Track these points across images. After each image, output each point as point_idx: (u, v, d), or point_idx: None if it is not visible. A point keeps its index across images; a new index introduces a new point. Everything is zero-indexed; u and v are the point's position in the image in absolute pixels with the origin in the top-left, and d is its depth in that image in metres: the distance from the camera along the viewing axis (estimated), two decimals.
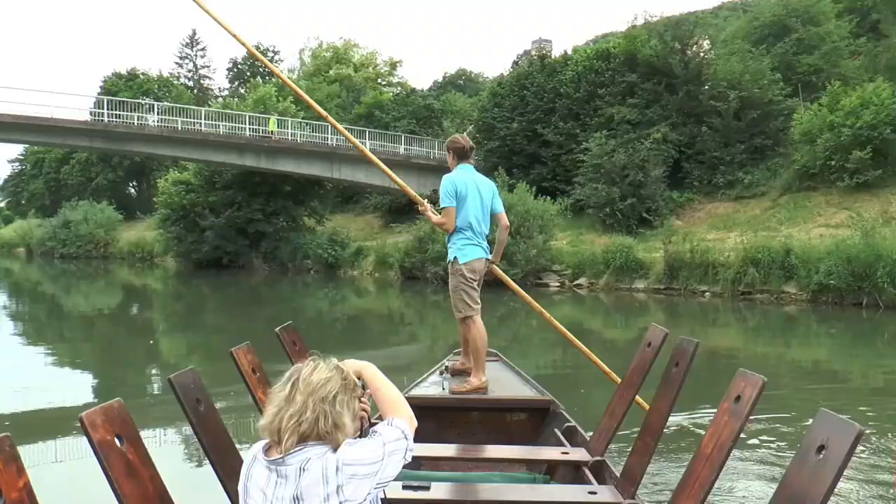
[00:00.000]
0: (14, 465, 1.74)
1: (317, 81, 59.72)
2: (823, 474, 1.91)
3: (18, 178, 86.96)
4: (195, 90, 75.68)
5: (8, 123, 33.19)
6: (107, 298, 28.15)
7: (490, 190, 5.64)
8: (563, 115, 35.42)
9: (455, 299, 5.55)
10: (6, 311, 22.54)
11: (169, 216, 44.02)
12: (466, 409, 5.23)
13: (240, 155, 37.43)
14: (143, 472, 2.25)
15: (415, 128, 46.14)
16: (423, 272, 30.41)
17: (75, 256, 56.47)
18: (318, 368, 2.05)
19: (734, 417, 2.50)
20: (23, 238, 72.23)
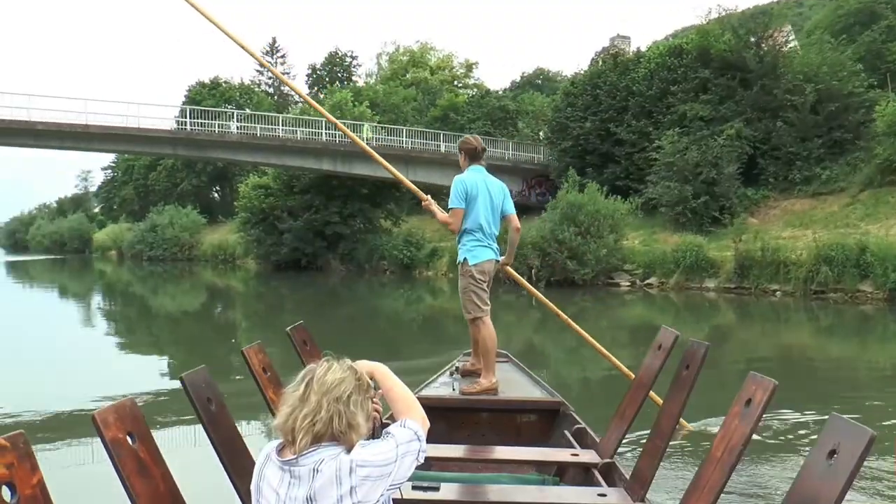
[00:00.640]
0: (28, 461, 1.77)
1: (393, 85, 60.74)
2: (834, 479, 1.91)
3: (111, 184, 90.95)
4: (275, 97, 77.58)
5: (100, 134, 35.41)
6: (192, 299, 29.40)
7: (501, 191, 5.70)
8: (636, 113, 35.46)
9: (464, 300, 5.61)
10: (101, 311, 23.93)
11: (249, 219, 45.60)
12: (476, 409, 5.26)
13: (317, 159, 38.54)
14: (155, 471, 2.29)
15: (490, 129, 46.49)
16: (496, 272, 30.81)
17: (162, 259, 58.84)
18: (333, 369, 2.09)
19: (745, 421, 2.49)
20: (114, 241, 75.57)
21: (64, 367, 12.09)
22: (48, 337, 16.60)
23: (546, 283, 28.33)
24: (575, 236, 27.71)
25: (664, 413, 3.39)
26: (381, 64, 75.97)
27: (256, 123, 41.58)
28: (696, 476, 2.71)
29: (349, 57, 78.15)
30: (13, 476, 1.71)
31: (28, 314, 22.48)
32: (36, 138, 34.74)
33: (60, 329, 18.12)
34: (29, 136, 34.43)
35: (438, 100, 53.27)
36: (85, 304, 27.14)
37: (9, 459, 1.71)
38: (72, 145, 36.29)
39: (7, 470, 1.70)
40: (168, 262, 56.70)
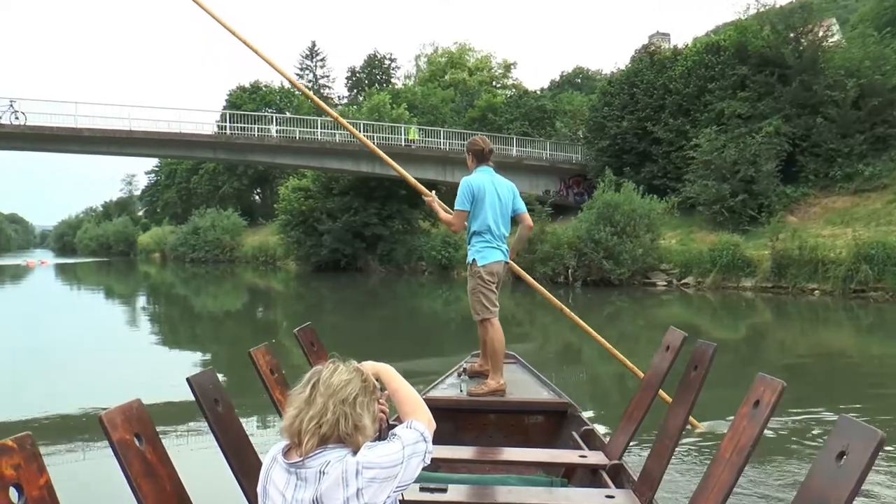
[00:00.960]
0: (35, 462, 1.77)
1: (432, 87, 61.12)
2: (844, 481, 1.90)
3: (154, 188, 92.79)
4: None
5: (143, 139, 36.39)
6: (233, 300, 29.87)
7: (510, 191, 5.69)
8: (673, 111, 35.35)
9: (473, 301, 5.61)
10: (145, 312, 24.49)
11: (289, 221, 46.30)
12: (484, 411, 5.27)
13: (355, 162, 39.02)
14: (162, 472, 2.31)
15: (527, 129, 46.69)
16: (532, 272, 30.85)
17: (204, 260, 60.02)
18: (338, 370, 2.10)
19: (753, 422, 2.49)
20: (158, 244, 77.14)
21: (106, 367, 12.45)
22: (94, 337, 17.10)
23: (582, 282, 28.61)
24: (611, 236, 27.79)
25: (672, 414, 3.37)
26: (419, 66, 76.47)
27: (295, 127, 42.23)
28: (705, 477, 2.69)
29: (388, 59, 78.99)
30: (20, 477, 1.72)
31: (77, 315, 23.04)
32: (82, 144, 35.81)
33: (106, 330, 18.60)
34: (76, 142, 35.55)
35: (476, 101, 53.44)
36: (130, 305, 27.75)
37: (16, 461, 1.72)
38: (116, 151, 37.31)
39: (14, 471, 1.71)
40: (210, 264, 57.70)
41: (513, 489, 3.59)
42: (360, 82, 77.62)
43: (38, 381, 11.05)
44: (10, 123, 33.83)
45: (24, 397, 9.75)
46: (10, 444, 1.73)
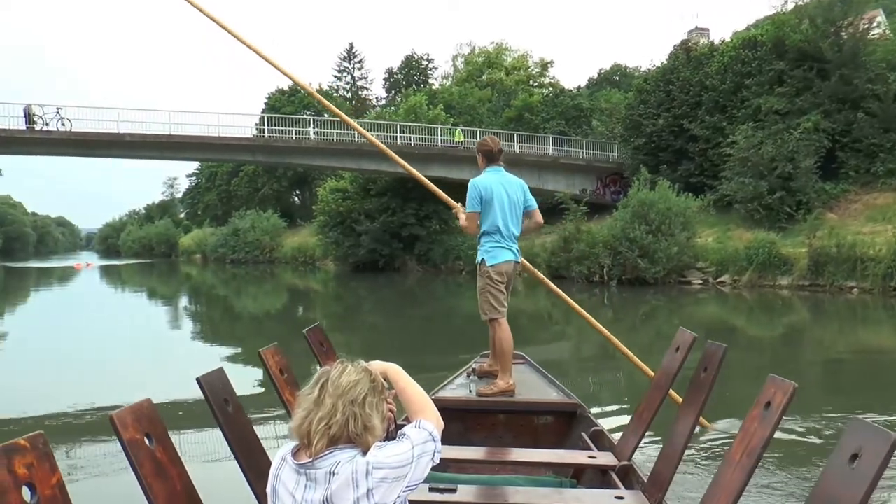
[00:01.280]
0: (48, 462, 1.79)
1: (469, 87, 61.33)
2: (857, 483, 1.89)
3: (195, 190, 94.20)
4: (353, 101, 79.01)
5: (183, 143, 37.23)
6: (273, 300, 30.27)
7: (520, 189, 5.74)
8: (710, 108, 35.16)
9: (482, 301, 5.62)
10: (187, 313, 24.98)
11: (327, 222, 46.90)
12: (493, 411, 5.27)
13: (392, 163, 39.27)
14: (172, 472, 2.32)
15: (564, 128, 46.66)
16: (568, 271, 31.08)
17: (244, 261, 60.82)
18: (347, 371, 2.11)
19: (764, 424, 2.48)
20: (199, 245, 78.41)
21: (148, 366, 12.78)
22: (136, 336, 17.50)
23: (618, 281, 28.68)
24: (646, 234, 27.83)
25: (682, 415, 3.36)
26: (456, 66, 76.69)
27: (333, 129, 42.73)
28: (715, 479, 2.69)
29: (425, 60, 79.24)
30: (33, 476, 1.73)
31: (121, 315, 23.64)
32: (125, 149, 36.72)
33: (148, 330, 19.03)
34: (118, 147, 36.46)
35: (513, 100, 53.55)
36: (172, 305, 28.28)
37: (29, 460, 1.74)
38: (157, 155, 38.16)
39: (27, 470, 1.73)
40: (250, 265, 58.45)
41: (522, 490, 3.60)
42: (398, 83, 77.96)
43: (76, 379, 11.35)
44: (57, 130, 34.83)
45: (60, 395, 9.94)
46: (23, 443, 1.75)
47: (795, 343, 15.83)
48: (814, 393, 9.57)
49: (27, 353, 14.54)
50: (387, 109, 54.11)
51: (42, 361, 13.16)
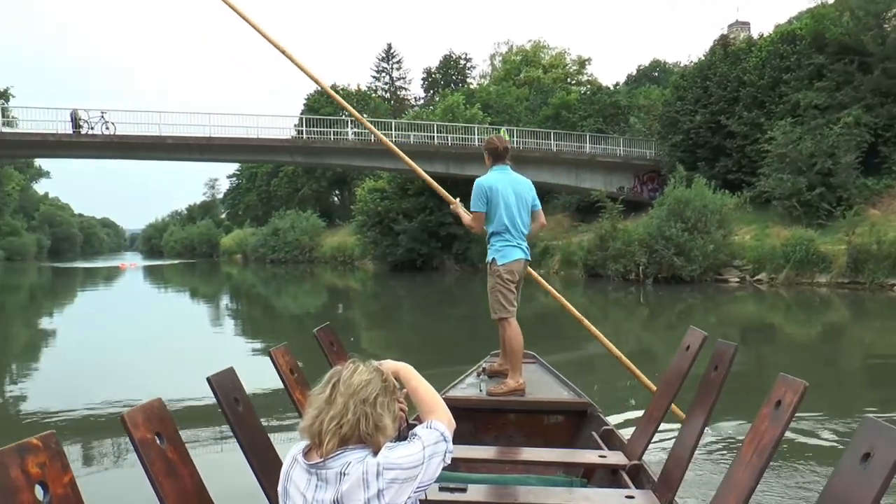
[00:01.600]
0: (60, 461, 1.80)
1: (506, 86, 61.51)
2: (868, 483, 1.88)
3: (235, 191, 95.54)
4: (391, 101, 79.55)
5: (223, 146, 37.97)
6: (313, 299, 30.72)
7: (528, 188, 5.74)
8: (747, 104, 34.88)
9: (492, 300, 5.62)
10: (229, 312, 25.52)
11: (365, 222, 47.47)
12: (503, 410, 5.26)
13: (429, 162, 39.59)
14: (183, 471, 2.34)
15: (601, 126, 46.60)
16: (604, 270, 31.15)
17: (283, 261, 61.70)
18: (358, 370, 2.11)
19: (775, 423, 2.47)
20: (239, 245, 79.59)
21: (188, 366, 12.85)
22: (180, 335, 18.02)
23: (654, 279, 28.73)
24: (682, 232, 27.81)
25: (692, 415, 3.35)
26: (494, 65, 76.95)
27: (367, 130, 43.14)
28: (726, 478, 2.69)
29: (463, 59, 79.65)
30: (45, 475, 1.75)
31: (165, 314, 24.32)
32: (166, 152, 37.56)
33: (191, 329, 19.59)
34: (160, 149, 37.31)
35: (550, 98, 53.62)
36: (214, 304, 28.91)
37: (41, 459, 1.75)
38: (198, 157, 38.98)
39: (39, 469, 1.74)
40: (289, 265, 59.24)
41: (532, 489, 3.60)
42: (436, 83, 78.48)
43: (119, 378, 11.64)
44: (102, 133, 35.76)
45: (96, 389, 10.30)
46: (35, 442, 1.76)
47: (835, 341, 15.73)
48: (855, 392, 9.62)
49: (72, 350, 15.09)
50: (424, 109, 54.47)
51: (81, 361, 13.58)
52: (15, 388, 11.19)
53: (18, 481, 1.67)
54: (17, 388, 11.23)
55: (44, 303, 30.78)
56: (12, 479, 1.66)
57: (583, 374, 9.23)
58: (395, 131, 42.24)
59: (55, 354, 15.10)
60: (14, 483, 1.66)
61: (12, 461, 1.68)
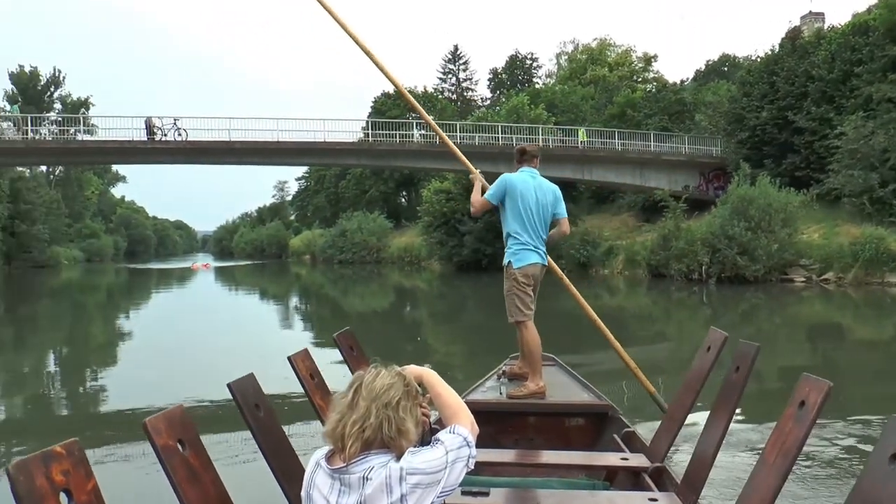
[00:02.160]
0: (83, 468, 1.84)
1: (572, 85, 61.63)
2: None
3: (304, 193, 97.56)
4: (458, 102, 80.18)
5: (290, 149, 39.29)
6: (380, 299, 31.16)
7: (552, 194, 5.73)
8: (816, 98, 34.31)
9: (508, 303, 5.63)
10: (298, 312, 26.13)
11: (431, 223, 48.20)
12: (524, 414, 5.25)
13: (493, 163, 40.00)
14: (205, 477, 2.37)
15: (666, 123, 46.39)
16: (668, 269, 31.14)
17: (351, 262, 62.79)
18: (381, 375, 2.13)
19: (799, 423, 2.45)
20: (308, 246, 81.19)
21: (262, 365, 13.78)
22: (250, 335, 18.30)
23: (717, 279, 28.59)
24: (745, 231, 27.64)
25: (715, 416, 3.33)
26: (560, 64, 77.02)
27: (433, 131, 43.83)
28: (750, 480, 2.67)
29: (529, 59, 79.88)
30: (69, 483, 1.78)
31: (236, 314, 24.97)
32: (236, 156, 39.00)
33: (261, 328, 20.00)
34: (230, 154, 38.76)
35: (616, 97, 53.58)
36: (283, 304, 29.60)
37: (65, 466, 1.79)
38: (266, 161, 40.31)
39: (64, 477, 1.77)
40: (357, 265, 60.26)
41: (555, 492, 3.62)
42: (503, 83, 78.85)
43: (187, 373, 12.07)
44: (175, 140, 37.32)
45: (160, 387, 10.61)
46: (59, 450, 1.80)
47: None
48: None
49: (142, 348, 15.83)
50: (489, 111, 54.97)
51: (148, 358, 14.14)
52: (96, 384, 11.79)
53: (44, 489, 1.71)
54: (99, 383, 11.84)
55: (120, 302, 32.09)
56: (38, 486, 1.70)
57: (603, 375, 9.35)
58: (459, 133, 42.82)
59: (130, 350, 15.79)
60: (39, 491, 1.70)
61: (37, 469, 1.72)
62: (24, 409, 10.12)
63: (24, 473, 1.68)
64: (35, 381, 12.22)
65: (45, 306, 30.34)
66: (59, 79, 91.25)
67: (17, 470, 1.67)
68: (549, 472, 4.33)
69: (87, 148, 40.18)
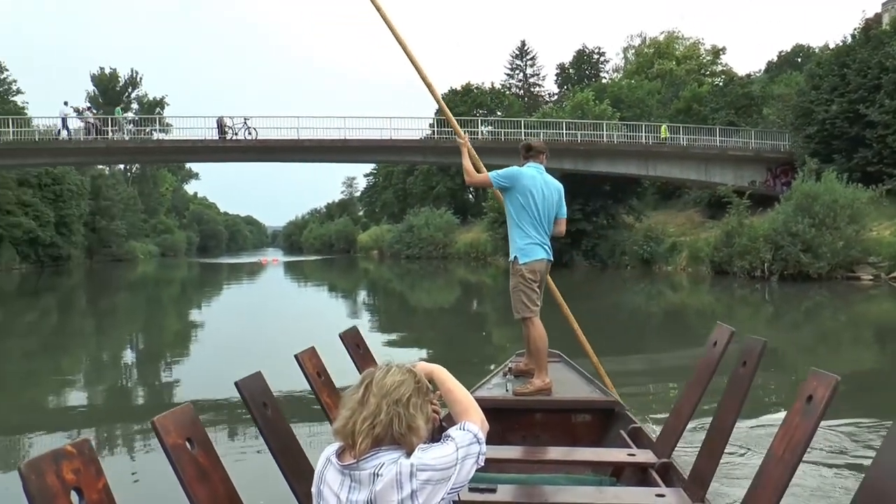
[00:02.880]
0: (93, 467, 1.86)
1: (639, 79, 61.53)
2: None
3: (372, 189, 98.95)
4: (525, 98, 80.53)
5: (357, 147, 40.56)
6: (446, 294, 31.79)
7: (557, 192, 5.74)
8: (890, 91, 33.42)
9: (514, 300, 5.61)
10: (366, 306, 26.80)
11: (496, 218, 48.59)
12: (530, 410, 5.28)
13: (558, 159, 40.40)
14: (214, 475, 2.39)
15: (733, 118, 45.92)
16: (730, 266, 30.99)
17: (418, 257, 63.68)
18: (391, 371, 2.14)
19: (807, 418, 2.47)
20: (376, 242, 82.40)
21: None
22: (320, 327, 19.24)
23: (779, 276, 28.42)
24: (809, 228, 27.44)
25: (722, 411, 3.37)
26: (627, 58, 76.79)
27: (501, 128, 44.60)
28: (758, 475, 2.69)
29: (596, 54, 79.76)
30: (80, 481, 1.80)
31: (308, 307, 25.83)
32: (304, 154, 40.37)
33: (331, 321, 20.87)
34: (298, 152, 40.14)
35: (682, 91, 53.37)
36: (352, 299, 30.33)
37: (76, 465, 1.81)
38: (334, 158, 41.57)
39: (74, 476, 1.79)
40: (423, 260, 61.08)
41: (561, 489, 3.63)
42: (570, 78, 78.94)
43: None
44: (245, 139, 38.79)
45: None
46: (70, 449, 1.82)
47: None
48: None
49: (211, 339, 16.80)
50: (555, 107, 55.31)
51: (217, 348, 14.93)
52: (169, 374, 12.59)
53: (55, 487, 1.73)
54: (172, 373, 12.61)
55: (193, 295, 33.71)
56: (49, 485, 1.72)
57: (608, 372, 9.21)
58: (524, 129, 43.31)
59: (202, 341, 16.72)
60: (51, 489, 1.72)
61: (48, 468, 1.74)
62: (104, 394, 10.93)
63: (35, 472, 1.70)
64: (113, 370, 13.20)
65: (123, 298, 32.22)
66: (137, 79, 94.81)
67: (29, 469, 1.70)
68: (556, 468, 4.35)
69: (162, 147, 42.15)
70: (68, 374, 12.73)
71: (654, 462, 3.84)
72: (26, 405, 10.00)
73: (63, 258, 65.31)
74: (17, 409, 9.68)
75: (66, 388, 11.24)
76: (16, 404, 10.08)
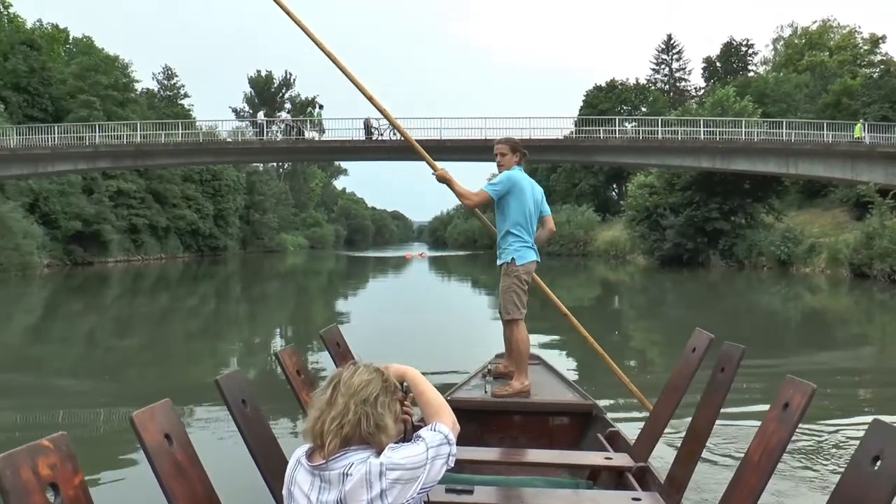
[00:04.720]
0: (70, 463, 1.85)
1: (787, 72, 60.83)
2: (879, 485, 1.94)
3: None
4: (671, 93, 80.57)
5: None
6: (586, 291, 32.29)
7: (540, 193, 5.88)
8: None
9: (505, 301, 5.65)
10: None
11: (635, 216, 50.00)
12: (508, 412, 5.34)
13: (695, 157, 41.29)
14: (192, 472, 2.41)
15: (887, 113, 44.38)
16: (870, 269, 30.61)
17: (558, 254, 64.70)
18: (359, 371, 2.19)
19: (783, 425, 2.51)
20: None
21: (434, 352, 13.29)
22: (461, 323, 19.59)
23: None
24: None
25: (699, 416, 3.44)
26: (777, 49, 75.55)
27: (640, 126, 45.81)
28: (733, 480, 2.74)
29: (744, 46, 78.77)
30: (56, 477, 1.80)
31: (445, 303, 27.03)
32: (447, 153, 42.70)
33: (470, 316, 21.65)
34: (441, 151, 42.52)
35: (831, 85, 52.48)
36: (493, 294, 31.94)
37: (52, 461, 1.80)
38: (475, 157, 43.74)
39: (51, 471, 1.79)
40: (563, 257, 62.20)
41: (538, 491, 3.67)
42: (717, 72, 78.35)
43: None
44: (390, 139, 41.87)
45: None
46: (47, 444, 1.81)
47: None
48: None
49: (361, 328, 17.86)
50: (697, 103, 55.55)
51: (371, 336, 16.36)
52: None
53: (30, 483, 1.73)
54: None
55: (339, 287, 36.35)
56: (24, 480, 1.72)
57: (587, 376, 9.62)
58: (661, 127, 44.24)
59: (350, 330, 18.17)
60: (26, 485, 1.72)
61: (24, 463, 1.74)
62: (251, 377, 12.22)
63: (10, 467, 1.70)
64: (263, 354, 14.40)
65: (274, 287, 35.71)
66: (290, 80, 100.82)
67: (4, 463, 1.70)
68: (533, 470, 4.39)
69: (315, 147, 45.78)
70: (222, 356, 14.26)
71: (631, 466, 3.91)
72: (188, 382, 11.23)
73: (220, 248, 71.75)
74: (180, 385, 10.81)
75: (222, 368, 11.94)
76: (178, 382, 11.22)
